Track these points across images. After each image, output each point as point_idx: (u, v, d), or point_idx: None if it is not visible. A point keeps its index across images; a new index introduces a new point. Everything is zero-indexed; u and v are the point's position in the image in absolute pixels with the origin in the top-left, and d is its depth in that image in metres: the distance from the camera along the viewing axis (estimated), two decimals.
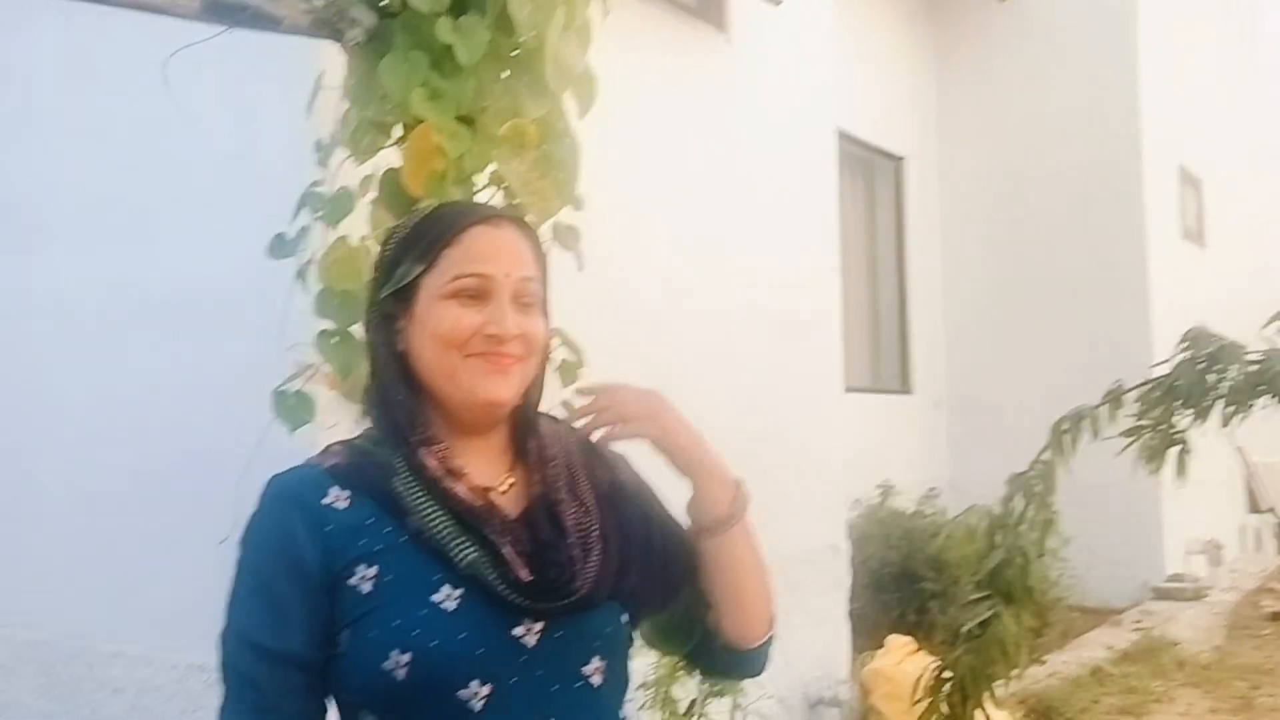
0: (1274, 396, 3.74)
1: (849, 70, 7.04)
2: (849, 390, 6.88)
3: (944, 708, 2.95)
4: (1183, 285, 8.48)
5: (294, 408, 1.95)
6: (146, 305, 3.15)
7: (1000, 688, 2.97)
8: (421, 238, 1.30)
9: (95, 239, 3.33)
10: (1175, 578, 7.99)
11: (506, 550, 1.21)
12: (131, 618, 3.10)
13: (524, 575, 1.20)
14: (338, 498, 1.23)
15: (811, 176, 5.16)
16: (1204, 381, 3.74)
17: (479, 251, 1.27)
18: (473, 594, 1.20)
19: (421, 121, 1.87)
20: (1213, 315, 4.52)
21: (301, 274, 1.98)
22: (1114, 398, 3.70)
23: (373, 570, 1.20)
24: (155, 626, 3.06)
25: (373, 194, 2.06)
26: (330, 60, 2.02)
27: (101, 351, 3.28)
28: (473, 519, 1.22)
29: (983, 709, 2.86)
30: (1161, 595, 7.86)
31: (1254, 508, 10.34)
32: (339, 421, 2.22)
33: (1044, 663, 6.04)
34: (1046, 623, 6.70)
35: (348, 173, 2.07)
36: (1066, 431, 3.49)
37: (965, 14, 8.80)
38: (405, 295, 1.28)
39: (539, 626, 1.22)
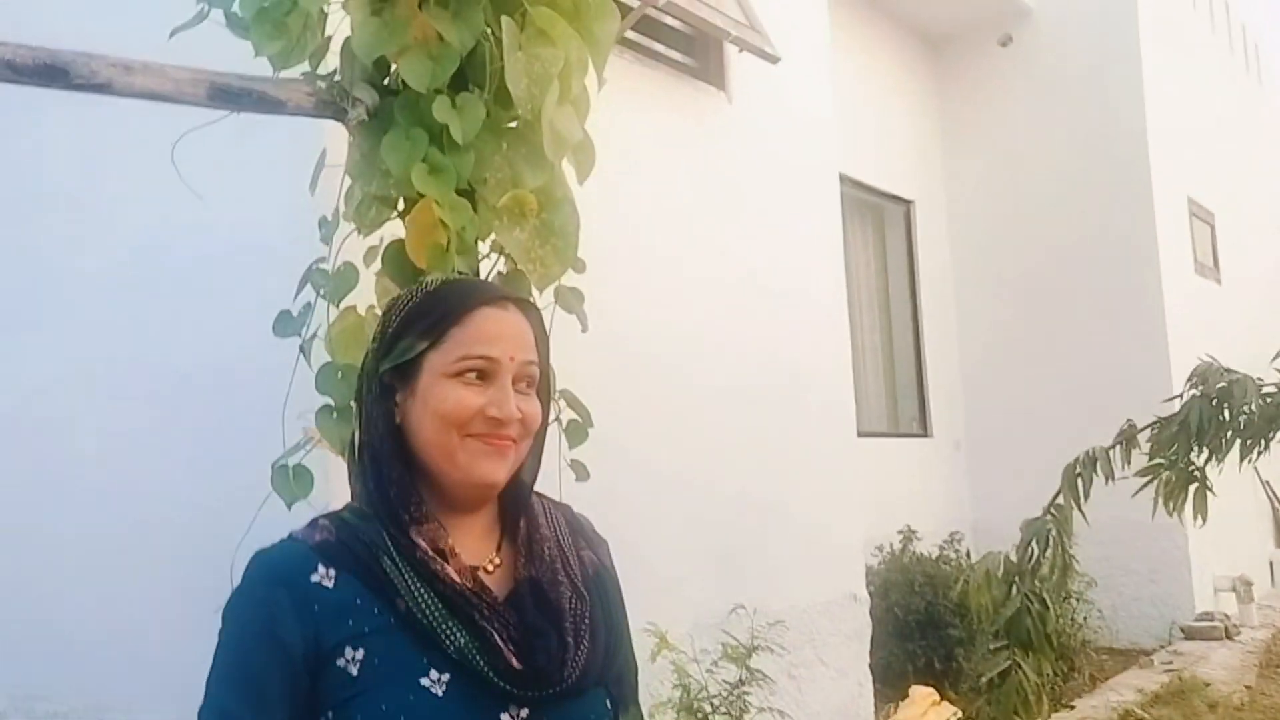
0: None
1: (854, 118, 7.13)
2: (868, 435, 6.89)
3: None
4: (1199, 320, 8.45)
5: (292, 482, 1.98)
6: (156, 385, 3.21)
7: None
8: (428, 314, 1.30)
9: (105, 321, 3.40)
10: (1204, 616, 7.88)
11: (495, 636, 1.20)
12: (149, 691, 3.11)
13: (514, 663, 1.20)
14: (324, 576, 1.22)
15: (818, 224, 5.20)
16: (1218, 418, 3.74)
17: (486, 334, 1.28)
18: (460, 678, 1.19)
19: (423, 196, 1.92)
20: (1229, 350, 4.52)
21: (305, 350, 2.01)
22: (1125, 438, 3.70)
23: (360, 653, 1.19)
24: (173, 700, 3.07)
25: (377, 266, 2.11)
26: (332, 139, 2.07)
27: (111, 430, 3.33)
28: (461, 602, 1.21)
29: None
30: (1191, 634, 7.75)
31: None
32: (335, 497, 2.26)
33: (1073, 707, 5.95)
34: (1074, 666, 6.62)
35: (352, 247, 2.12)
36: (1079, 474, 3.49)
37: (967, 59, 8.89)
38: (407, 370, 1.28)
39: (526, 713, 1.21)
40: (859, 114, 7.41)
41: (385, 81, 2.07)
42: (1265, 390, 3.60)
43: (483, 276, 2.17)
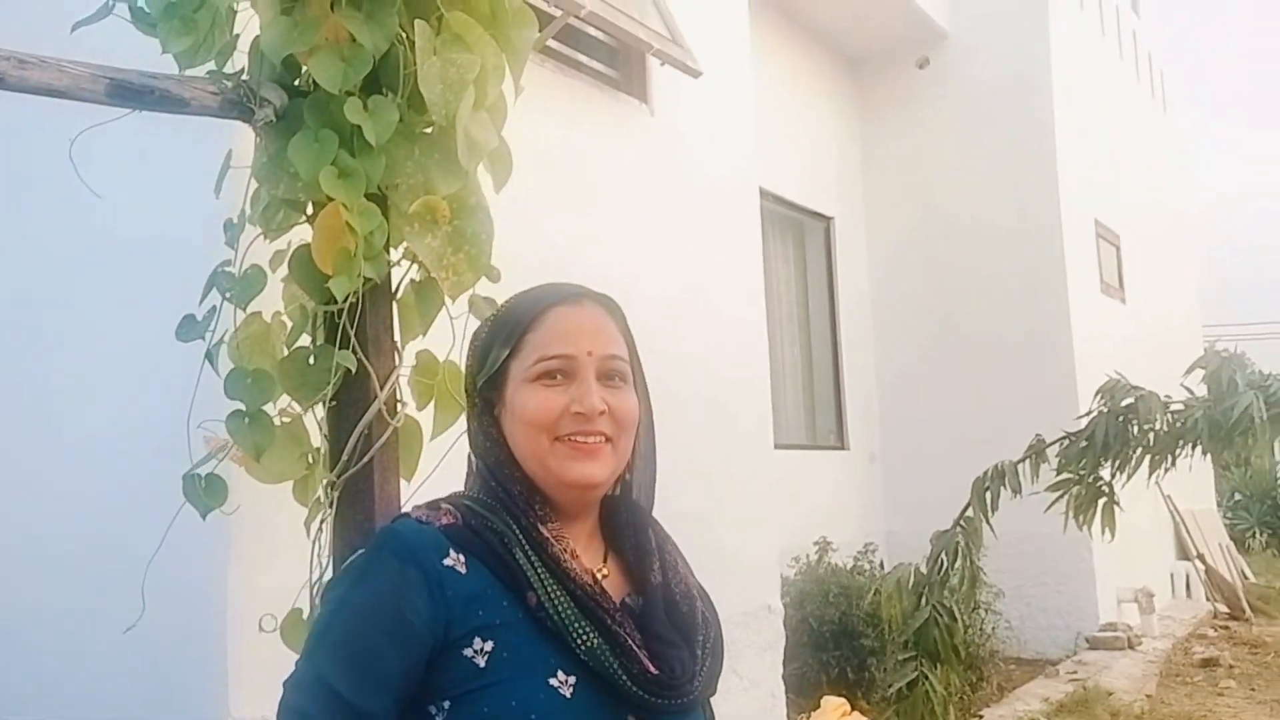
0: (1195, 445, 3.85)
1: (777, 135, 7.21)
2: (787, 447, 6.95)
3: None
4: (1106, 338, 8.71)
5: (205, 492, 1.92)
6: (58, 391, 3.09)
7: None
8: (504, 324, 1.32)
9: (4, 327, 3.27)
10: (1108, 627, 8.10)
11: (629, 640, 1.18)
12: (51, 704, 2.99)
13: (650, 669, 1.18)
14: (457, 561, 1.19)
15: (738, 238, 5.24)
16: (1125, 433, 3.84)
17: (559, 332, 1.29)
18: (587, 681, 1.16)
19: (332, 199, 1.88)
20: (1134, 368, 4.65)
21: (211, 355, 1.96)
22: (1034, 453, 3.78)
23: (489, 644, 1.16)
24: (78, 701, 2.97)
25: (284, 271, 2.07)
26: (239, 139, 2.02)
27: (10, 442, 3.20)
28: (593, 604, 1.19)
29: None
30: (1095, 645, 7.96)
31: (1182, 555, 10.55)
32: (244, 503, 2.20)
33: (981, 717, 6.06)
34: (983, 676, 6.74)
35: (260, 251, 2.07)
36: (988, 488, 3.55)
37: (887, 79, 9.07)
38: (498, 382, 1.30)
39: None
40: (781, 131, 7.50)
41: (295, 82, 2.02)
42: (1172, 407, 3.71)
43: (394, 284, 2.14)
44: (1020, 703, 6.42)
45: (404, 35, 1.97)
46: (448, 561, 1.18)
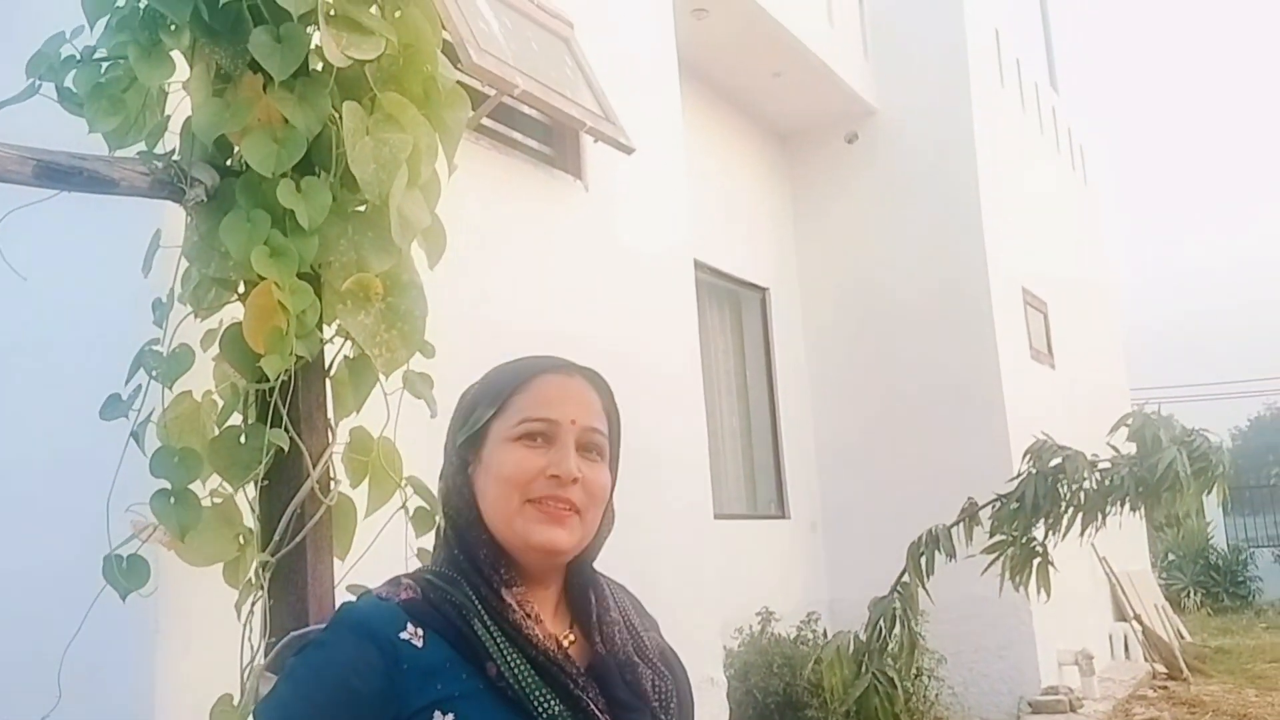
0: (1124, 503, 3.93)
1: (711, 208, 7.34)
2: (727, 517, 6.95)
3: None
4: (1036, 403, 8.88)
5: (126, 573, 1.88)
6: None
7: None
8: (493, 385, 1.34)
9: None
10: (1050, 690, 8.13)
11: (591, 705, 1.19)
12: None
13: None
14: (413, 635, 1.18)
15: (673, 310, 5.30)
16: (1055, 493, 3.92)
17: (547, 398, 1.31)
18: None
19: (264, 278, 1.89)
20: (1065, 430, 4.77)
21: (137, 435, 1.93)
22: (966, 516, 3.84)
23: (449, 717, 1.15)
24: None
25: (215, 350, 2.05)
26: (168, 219, 2.02)
27: None
28: (555, 670, 1.19)
29: None
30: (1038, 709, 7.98)
31: (1120, 616, 10.67)
32: (173, 586, 2.15)
33: None
34: None
35: (190, 330, 2.06)
36: (923, 553, 3.59)
37: (817, 153, 9.29)
38: (476, 441, 1.31)
39: None
40: (715, 204, 7.64)
41: (227, 162, 2.04)
42: (1100, 466, 3.79)
43: (327, 361, 2.13)
44: None
45: (336, 115, 1.99)
46: (404, 635, 1.18)
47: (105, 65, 1.99)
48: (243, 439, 1.97)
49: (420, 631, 1.19)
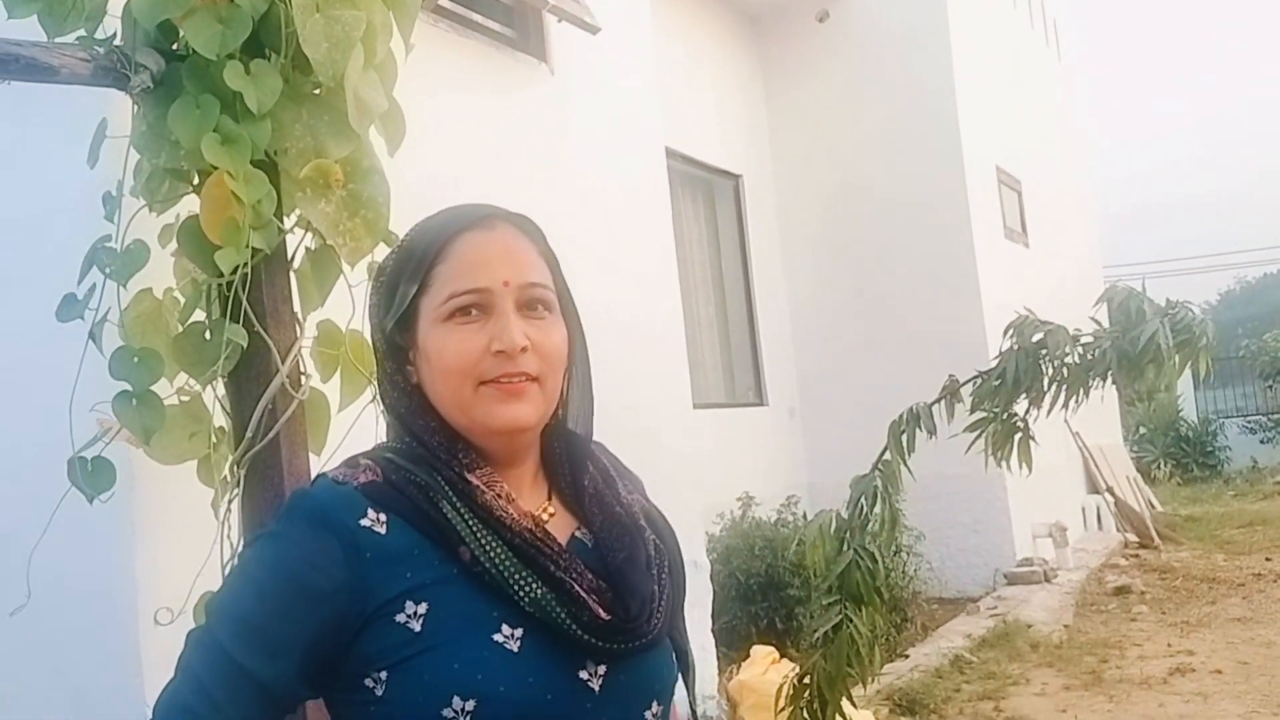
0: (1106, 377, 3.93)
1: (681, 94, 7.17)
2: (706, 406, 6.98)
3: (805, 714, 2.99)
4: (1011, 283, 8.89)
5: (93, 475, 1.84)
6: None
7: (861, 688, 3.03)
8: (410, 257, 1.18)
9: None
10: (1025, 562, 8.34)
11: (575, 586, 1.10)
12: None
13: (601, 614, 1.10)
14: (375, 521, 1.09)
15: (645, 197, 5.21)
16: (1037, 368, 3.91)
17: (471, 263, 1.15)
18: (534, 633, 1.09)
19: (216, 168, 1.81)
20: (1040, 310, 4.73)
21: (94, 335, 1.87)
22: (948, 394, 3.83)
23: (422, 606, 1.07)
24: None
25: (174, 245, 1.99)
26: (115, 108, 1.93)
27: None
28: (533, 551, 1.11)
29: (841, 713, 2.91)
30: (1014, 580, 8.19)
31: (1092, 489, 10.90)
32: (148, 486, 2.12)
33: (907, 656, 6.20)
34: (907, 617, 6.90)
35: (146, 225, 1.98)
36: (904, 431, 3.59)
37: (788, 35, 9.08)
38: (408, 323, 1.17)
39: (603, 669, 1.12)
40: (685, 89, 7.47)
41: (173, 46, 1.93)
42: (1082, 340, 3.78)
43: (289, 252, 2.07)
44: (944, 640, 6.58)
45: None
46: (365, 522, 1.09)
47: None
48: (208, 335, 1.92)
49: (383, 517, 1.10)
